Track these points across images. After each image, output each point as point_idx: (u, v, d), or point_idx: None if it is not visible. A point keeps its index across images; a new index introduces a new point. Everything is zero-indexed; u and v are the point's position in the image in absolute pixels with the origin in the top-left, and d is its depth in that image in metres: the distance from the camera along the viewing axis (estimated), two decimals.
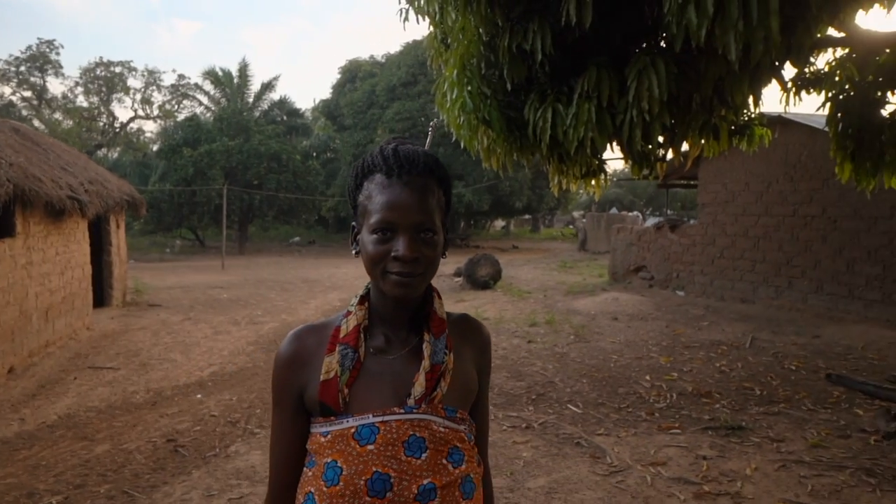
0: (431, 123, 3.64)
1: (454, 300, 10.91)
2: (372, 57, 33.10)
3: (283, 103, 32.90)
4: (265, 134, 21.21)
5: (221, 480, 3.54)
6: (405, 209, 0.93)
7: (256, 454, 3.94)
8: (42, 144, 7.21)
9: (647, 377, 5.79)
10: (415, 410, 0.93)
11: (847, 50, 4.32)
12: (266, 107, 32.72)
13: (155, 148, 41.67)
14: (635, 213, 27.72)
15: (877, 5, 2.56)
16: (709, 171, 10.08)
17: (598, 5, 2.46)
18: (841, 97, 4.46)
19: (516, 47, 2.78)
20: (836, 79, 4.51)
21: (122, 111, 50.96)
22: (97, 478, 3.60)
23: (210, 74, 31.59)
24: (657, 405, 4.97)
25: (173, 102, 44.65)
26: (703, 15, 2.03)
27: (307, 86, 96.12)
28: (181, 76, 49.22)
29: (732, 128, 4.52)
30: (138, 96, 43.27)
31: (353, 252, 1.02)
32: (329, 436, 0.93)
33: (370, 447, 0.90)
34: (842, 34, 3.60)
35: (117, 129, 42.50)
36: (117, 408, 4.93)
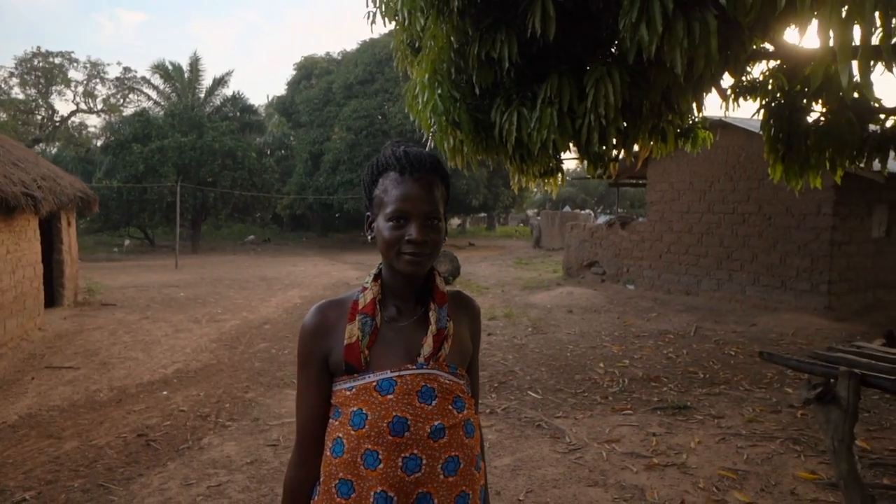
0: (432, 131, 3.83)
1: None
2: (328, 54, 32.80)
3: (236, 99, 32.17)
4: (219, 130, 20.75)
5: (198, 470, 3.62)
6: (416, 201, 1.12)
7: (230, 445, 4.03)
8: None
9: (601, 364, 6.15)
10: (424, 367, 1.13)
11: (778, 62, 4.76)
12: (218, 102, 31.96)
13: (98, 143, 39.82)
14: (587, 211, 28.58)
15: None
16: (656, 171, 10.62)
17: (560, 19, 2.71)
18: (773, 104, 4.90)
19: (485, 55, 2.99)
20: (769, 87, 4.95)
21: (63, 104, 48.24)
22: (69, 473, 3.61)
23: (159, 68, 30.58)
24: (610, 389, 5.31)
25: (118, 96, 42.77)
26: (653, 32, 2.30)
27: (260, 82, 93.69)
28: (127, 69, 47.16)
29: (678, 131, 4.90)
30: (80, 89, 41.21)
31: (369, 237, 1.21)
32: (354, 389, 1.12)
33: (390, 397, 1.09)
34: (772, 48, 3.99)
35: (57, 123, 40.41)
36: (81, 406, 4.88)
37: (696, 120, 5.16)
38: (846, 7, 1.56)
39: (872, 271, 8.34)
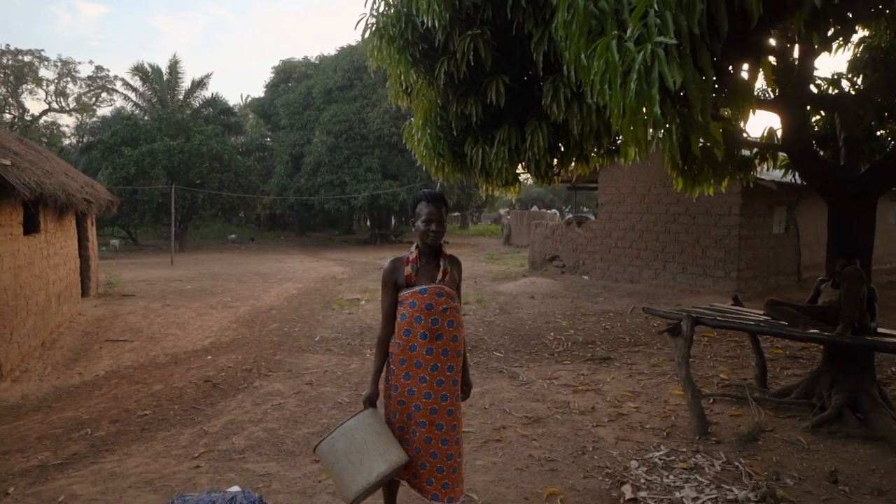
0: (440, 182, 5.26)
1: None
2: (306, 58, 33.91)
3: (215, 101, 33.11)
4: (205, 134, 21.85)
5: (259, 398, 5.11)
6: (432, 214, 2.67)
7: (276, 384, 5.52)
8: (42, 151, 8.21)
9: (552, 334, 7.80)
10: (438, 284, 2.68)
11: None
12: (197, 104, 32.82)
13: (67, 142, 39.87)
14: (553, 210, 30.40)
15: None
16: (606, 178, 12.36)
17: (508, 92, 4.26)
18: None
19: (460, 111, 4.53)
20: None
21: (35, 104, 47.71)
22: (166, 402, 5.06)
23: (139, 70, 31.30)
24: (556, 349, 6.96)
25: (90, 95, 42.88)
26: (559, 108, 3.87)
27: (231, 80, 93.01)
28: (99, 68, 47.08)
29: (604, 151, 6.54)
30: (52, 88, 41.23)
31: (413, 229, 2.76)
32: (409, 292, 2.66)
33: (424, 295, 2.64)
34: None
35: (28, 122, 40.38)
36: (148, 365, 6.29)
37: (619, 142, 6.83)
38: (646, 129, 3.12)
39: (773, 261, 10.22)
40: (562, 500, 3.25)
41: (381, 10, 4.35)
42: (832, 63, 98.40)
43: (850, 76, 5.73)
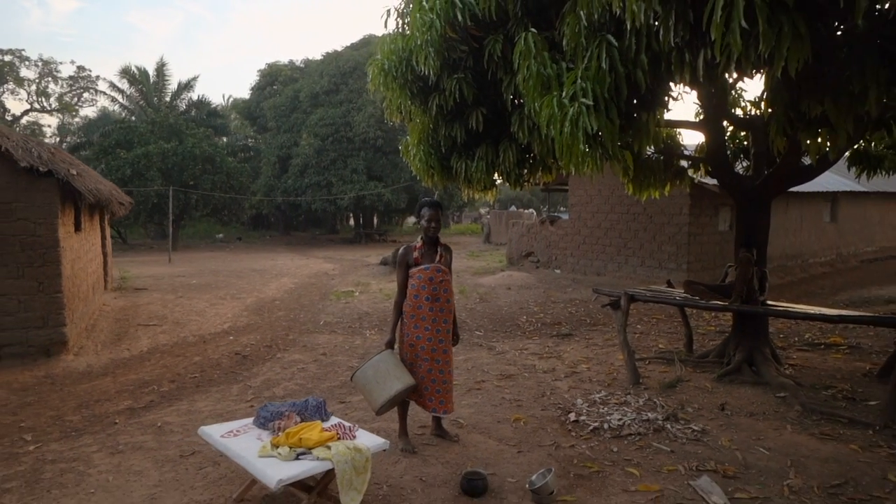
0: (426, 186, 6.34)
1: (386, 280, 13.77)
2: (291, 62, 34.81)
3: (201, 103, 33.86)
4: (197, 137, 22.72)
5: (284, 364, 6.27)
6: (432, 214, 3.89)
7: (296, 355, 6.68)
8: (68, 157, 9.21)
9: (524, 317, 9.07)
10: (437, 264, 3.90)
11: None
12: (184, 106, 33.54)
13: (48, 142, 40.02)
14: (530, 210, 31.80)
15: None
16: (575, 181, 13.69)
17: (485, 120, 5.49)
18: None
19: (447, 134, 5.74)
20: None
21: (17, 104, 47.57)
22: (209, 368, 6.19)
23: (126, 73, 31.93)
24: (527, 328, 8.23)
25: (72, 95, 43.03)
26: (524, 134, 5.09)
27: (210, 78, 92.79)
28: (81, 68, 47.09)
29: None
30: (33, 87, 41.32)
31: (417, 226, 3.98)
32: (417, 269, 3.88)
33: (428, 271, 3.85)
34: None
35: (10, 123, 40.47)
36: (181, 344, 7.39)
37: None
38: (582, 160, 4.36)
39: (719, 254, 11.65)
40: (524, 422, 4.49)
41: (387, 53, 5.55)
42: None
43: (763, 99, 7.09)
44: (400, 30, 5.71)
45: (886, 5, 2.73)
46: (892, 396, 4.17)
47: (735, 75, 3.61)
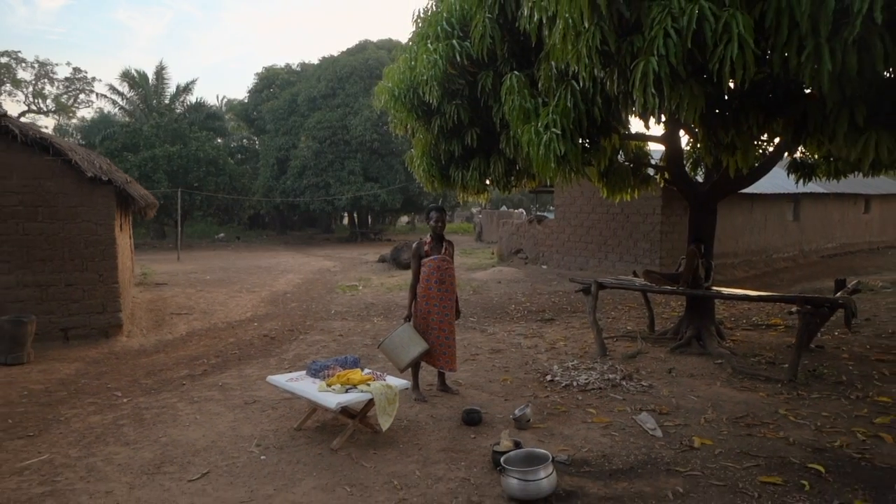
0: (425, 189, 7.38)
1: (386, 276, 14.89)
2: (288, 65, 35.77)
3: (200, 106, 34.72)
4: (200, 140, 23.68)
5: (308, 343, 7.38)
6: (438, 216, 5.03)
7: (317, 337, 7.79)
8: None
9: (512, 306, 10.23)
10: (443, 255, 5.04)
11: None
12: (182, 109, 34.37)
13: None
14: (520, 210, 33.01)
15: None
16: (560, 184, 14.87)
17: (478, 138, 6.63)
18: None
19: (447, 149, 6.88)
20: None
21: (14, 105, 47.81)
22: (245, 347, 7.28)
23: (126, 76, 32.73)
24: (515, 315, 9.39)
25: (68, 97, 43.61)
26: (510, 150, 6.23)
27: (201, 76, 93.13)
28: (76, 69, 47.63)
29: None
30: (30, 89, 41.87)
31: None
32: (427, 259, 5.01)
33: (436, 260, 4.99)
34: None
35: None
36: (214, 329, 8.47)
37: None
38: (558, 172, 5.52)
39: None
40: (510, 381, 5.64)
41: (397, 82, 6.69)
42: None
43: None
44: (408, 64, 6.84)
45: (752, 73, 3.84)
46: (793, 359, 5.37)
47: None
